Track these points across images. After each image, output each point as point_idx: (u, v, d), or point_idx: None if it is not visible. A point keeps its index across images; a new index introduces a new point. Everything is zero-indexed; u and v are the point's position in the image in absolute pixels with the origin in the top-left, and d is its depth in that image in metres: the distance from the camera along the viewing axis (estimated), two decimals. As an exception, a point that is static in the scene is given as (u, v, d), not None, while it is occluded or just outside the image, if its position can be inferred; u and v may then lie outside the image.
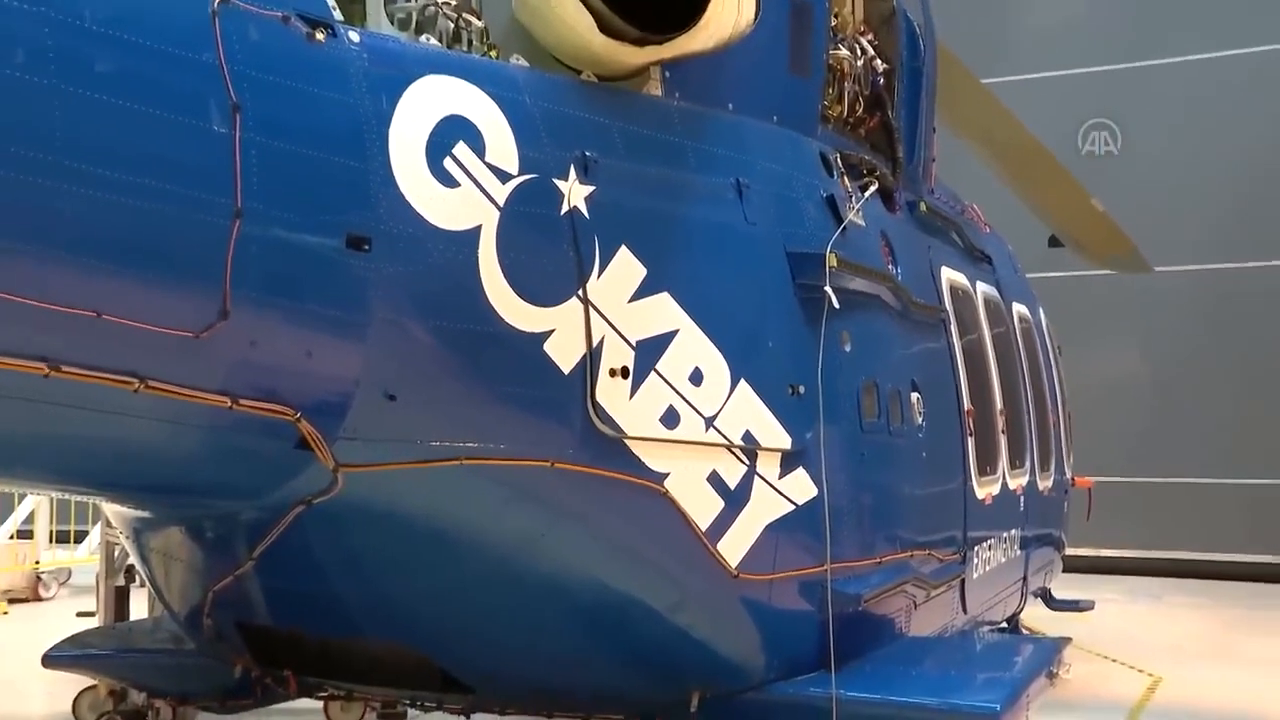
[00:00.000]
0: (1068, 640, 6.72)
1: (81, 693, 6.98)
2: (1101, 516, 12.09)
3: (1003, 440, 8.17)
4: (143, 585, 8.05)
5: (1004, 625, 9.45)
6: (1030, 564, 9.45)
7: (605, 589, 4.86)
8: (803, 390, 5.32)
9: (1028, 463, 8.95)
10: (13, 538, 14.63)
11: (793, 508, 5.24)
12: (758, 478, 5.13)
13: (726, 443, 5.02)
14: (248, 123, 3.79)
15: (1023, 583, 9.39)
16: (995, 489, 7.95)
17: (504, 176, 4.42)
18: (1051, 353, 10.74)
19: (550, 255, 4.55)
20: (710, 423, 4.96)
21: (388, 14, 4.72)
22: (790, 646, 5.36)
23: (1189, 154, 17.95)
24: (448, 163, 4.28)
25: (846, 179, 6.26)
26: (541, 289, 4.48)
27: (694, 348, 4.93)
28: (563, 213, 4.58)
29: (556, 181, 4.58)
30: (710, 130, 5.40)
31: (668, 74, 5.22)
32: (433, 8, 4.84)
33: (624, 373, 4.67)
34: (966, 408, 7.38)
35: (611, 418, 4.64)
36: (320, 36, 4.09)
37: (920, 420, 6.48)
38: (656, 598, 4.98)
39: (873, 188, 6.51)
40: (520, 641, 4.94)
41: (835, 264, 5.46)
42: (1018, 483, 8.61)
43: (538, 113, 4.62)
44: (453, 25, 4.93)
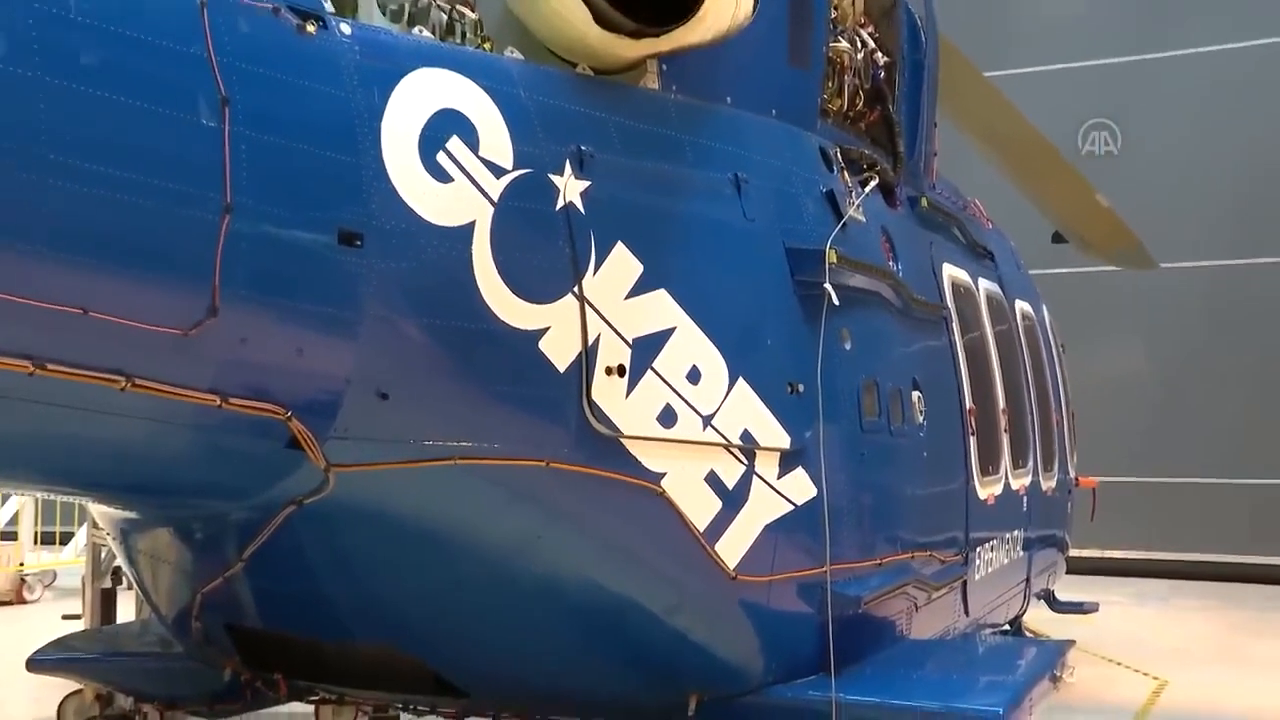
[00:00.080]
0: (1071, 643, 6.65)
1: (67, 697, 6.87)
2: (1106, 517, 11.99)
3: (1005, 440, 8.10)
4: (130, 588, 8.05)
5: (1007, 628, 9.41)
6: (1033, 565, 9.38)
7: (601, 591, 4.81)
8: (802, 389, 5.28)
9: (1031, 462, 8.89)
10: (-4, 540, 14.60)
11: (792, 508, 5.19)
12: (756, 478, 5.08)
13: (724, 442, 4.96)
14: (237, 116, 3.73)
15: (1026, 584, 9.32)
16: (998, 489, 7.89)
17: (498, 171, 4.37)
18: (1055, 350, 10.68)
19: (545, 251, 4.50)
20: (708, 422, 4.91)
21: (379, 6, 4.66)
22: (789, 649, 5.31)
23: (1192, 149, 17.85)
24: (441, 157, 4.22)
25: (846, 174, 6.21)
26: (536, 286, 4.42)
27: (691, 346, 4.88)
28: (558, 208, 4.53)
29: (552, 176, 4.53)
30: (708, 124, 5.35)
31: (665, 67, 5.16)
32: (425, 0, 4.79)
33: (620, 371, 4.62)
34: (969, 406, 7.32)
35: (608, 417, 4.58)
36: (311, 29, 4.03)
37: (921, 419, 6.42)
38: (653, 600, 4.93)
39: (873, 183, 6.46)
40: (515, 644, 4.89)
41: (835, 260, 5.42)
42: (1020, 483, 8.55)
43: (532, 106, 4.57)
44: (446, 17, 4.89)
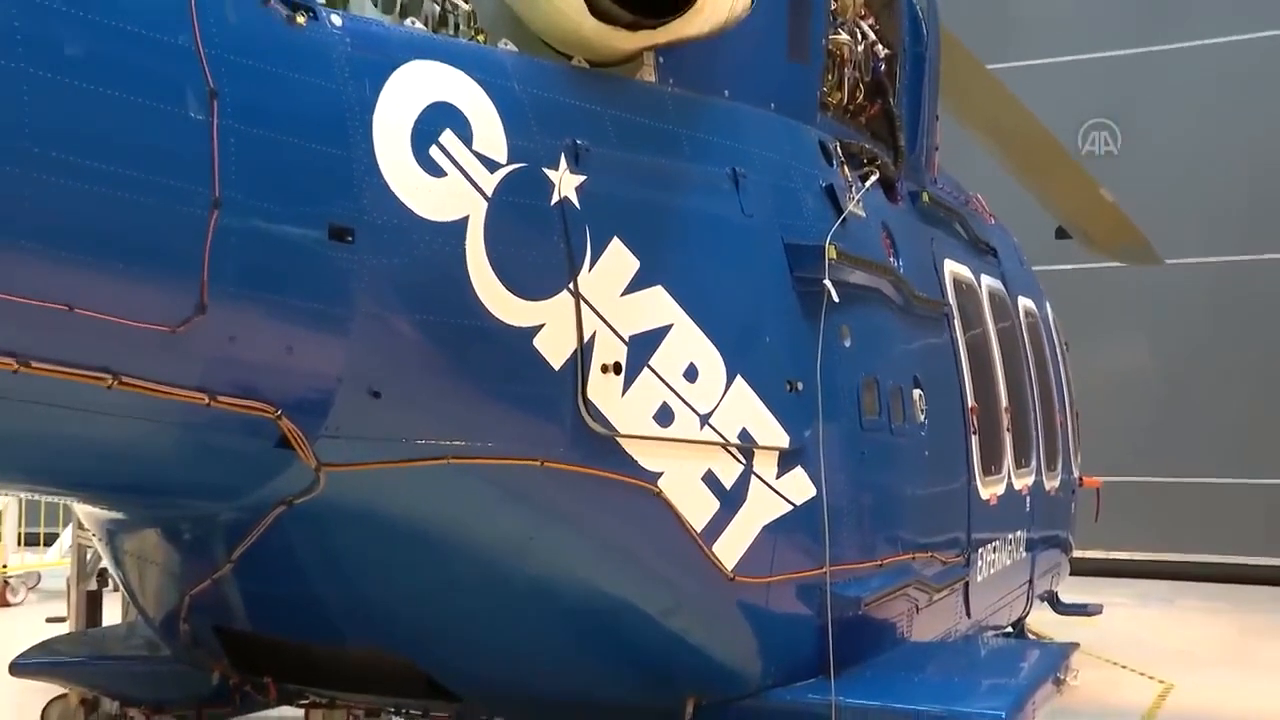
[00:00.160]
0: (1075, 645, 6.64)
1: (51, 702, 6.77)
2: (1110, 517, 11.95)
3: (1008, 439, 8.05)
4: (116, 590, 7.97)
5: (1009, 630, 9.37)
6: (1036, 566, 9.32)
7: (597, 592, 4.75)
8: (801, 387, 5.23)
9: (1034, 462, 8.84)
10: (-21, 541, 14.48)
11: (791, 508, 5.14)
12: (754, 477, 5.02)
13: (722, 441, 4.91)
14: (226, 109, 3.67)
15: (1029, 586, 9.26)
16: (1000, 489, 7.84)
17: (492, 165, 4.31)
18: (1058, 348, 10.63)
19: (540, 247, 4.44)
20: (705, 420, 4.85)
21: (371, -3, 4.63)
22: (788, 651, 5.26)
23: (1197, 142, 17.72)
24: (434, 151, 4.16)
25: (846, 168, 6.16)
26: (531, 282, 4.36)
27: (688, 343, 4.82)
28: (553, 203, 4.47)
29: (546, 171, 4.47)
30: (705, 118, 5.30)
31: (662, 59, 5.11)
32: None
33: (616, 369, 4.57)
34: (970, 405, 7.27)
35: (603, 415, 4.52)
36: (301, 20, 3.97)
37: (922, 418, 6.37)
38: (650, 601, 4.87)
39: (873, 177, 6.39)
40: (509, 647, 4.84)
41: (835, 256, 5.37)
42: (1023, 482, 8.50)
43: (527, 100, 4.52)
44: (439, 9, 4.86)
